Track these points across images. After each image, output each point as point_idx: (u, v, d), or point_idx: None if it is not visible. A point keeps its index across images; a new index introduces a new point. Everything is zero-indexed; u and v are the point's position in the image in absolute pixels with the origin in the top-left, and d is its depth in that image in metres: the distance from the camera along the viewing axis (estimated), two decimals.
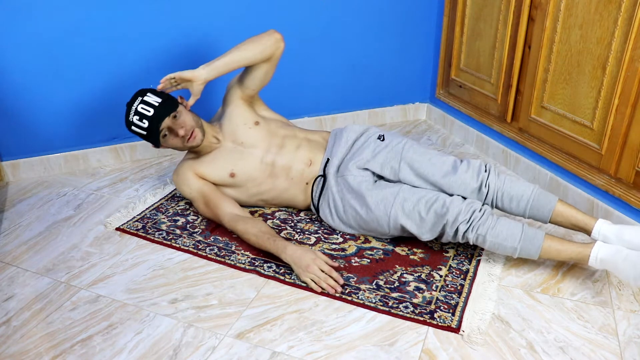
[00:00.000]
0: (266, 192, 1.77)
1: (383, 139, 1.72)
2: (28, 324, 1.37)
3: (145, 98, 1.63)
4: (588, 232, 1.51)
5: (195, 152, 1.78)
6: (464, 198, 1.55)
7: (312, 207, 1.76)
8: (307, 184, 1.75)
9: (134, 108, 1.62)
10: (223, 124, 1.79)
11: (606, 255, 1.39)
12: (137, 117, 1.62)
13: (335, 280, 1.47)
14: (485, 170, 1.60)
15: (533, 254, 1.47)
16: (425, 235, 1.54)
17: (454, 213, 1.48)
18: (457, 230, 1.49)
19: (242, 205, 1.78)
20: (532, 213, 1.58)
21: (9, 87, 1.99)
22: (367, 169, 1.66)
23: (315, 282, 1.47)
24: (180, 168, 1.77)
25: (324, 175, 1.71)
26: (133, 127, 1.65)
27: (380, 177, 1.68)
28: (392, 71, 2.59)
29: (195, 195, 1.73)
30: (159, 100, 1.64)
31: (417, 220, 1.53)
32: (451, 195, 1.57)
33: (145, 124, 1.62)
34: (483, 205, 1.54)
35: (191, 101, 1.68)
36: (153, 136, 1.65)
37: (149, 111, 1.62)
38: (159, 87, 1.67)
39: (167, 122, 1.63)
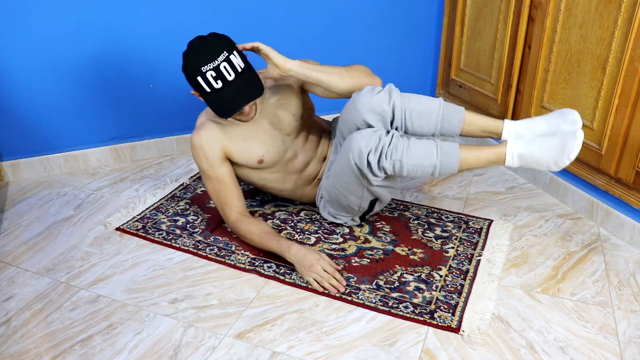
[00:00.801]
0: (275, 180, 1.72)
1: None
2: (28, 324, 1.37)
3: (232, 57, 1.43)
4: (499, 135, 1.50)
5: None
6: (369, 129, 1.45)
7: (317, 202, 1.77)
8: (318, 179, 1.76)
9: (215, 63, 1.41)
10: (268, 100, 1.63)
11: (521, 149, 1.40)
12: (214, 75, 1.41)
13: (339, 282, 1.47)
14: (386, 92, 1.48)
15: (453, 166, 1.44)
16: (358, 185, 1.50)
17: (356, 146, 1.41)
18: (369, 164, 1.42)
19: (246, 182, 1.75)
20: (443, 127, 1.51)
21: (9, 87, 2.00)
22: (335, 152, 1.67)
23: (317, 282, 1.47)
24: (206, 133, 1.57)
25: None
26: (199, 78, 1.43)
27: None
28: (392, 71, 2.58)
29: (211, 176, 1.60)
30: (242, 65, 1.45)
31: (342, 175, 1.51)
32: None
33: (219, 84, 1.43)
34: (389, 130, 1.46)
35: (264, 74, 1.54)
36: (220, 103, 1.46)
37: (230, 75, 1.43)
38: (241, 45, 1.48)
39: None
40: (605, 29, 1.64)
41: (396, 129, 1.50)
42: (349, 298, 1.44)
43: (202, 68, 1.41)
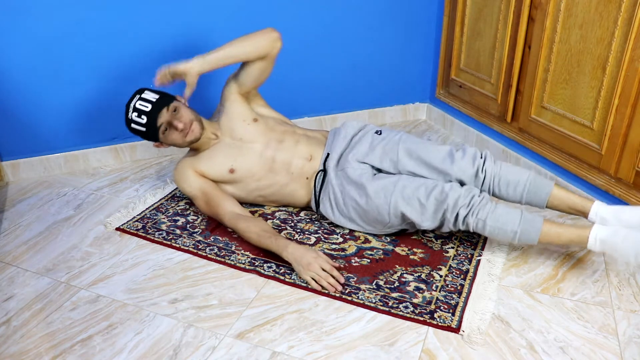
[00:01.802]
0: (266, 187, 1.77)
1: (380, 133, 1.73)
2: (28, 324, 1.37)
3: (144, 95, 1.65)
4: (585, 215, 1.52)
5: (195, 149, 1.78)
6: (465, 186, 1.56)
7: (312, 203, 1.76)
8: (307, 178, 1.75)
9: (132, 105, 1.64)
10: (221, 119, 1.79)
11: (605, 236, 1.40)
12: (136, 114, 1.63)
13: (337, 280, 1.47)
14: (481, 157, 1.61)
15: (533, 237, 1.46)
16: (426, 223, 1.54)
17: (453, 198, 1.49)
18: (457, 216, 1.49)
19: (242, 202, 1.78)
20: (529, 198, 1.58)
21: (9, 87, 1.99)
22: (365, 163, 1.66)
23: (315, 281, 1.47)
24: (180, 166, 1.78)
25: (324, 170, 1.71)
26: (133, 125, 1.66)
27: (379, 171, 1.68)
28: (392, 71, 2.59)
29: (196, 194, 1.73)
30: (157, 96, 1.65)
31: (417, 206, 1.53)
32: (450, 182, 1.57)
33: (144, 119, 1.63)
34: (481, 191, 1.55)
35: (187, 92, 1.69)
36: (152, 131, 1.66)
37: (147, 107, 1.63)
38: (157, 83, 1.68)
39: (165, 116, 1.64)
40: (605, 29, 1.64)
41: (483, 191, 1.60)
42: (349, 298, 1.44)
43: (128, 116, 1.65)
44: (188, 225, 1.78)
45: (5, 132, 2.06)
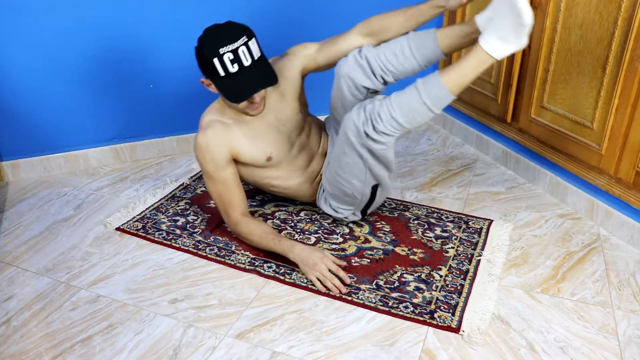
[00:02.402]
0: (280, 178, 1.70)
1: None
2: (28, 324, 1.37)
3: (250, 43, 1.43)
4: (477, 31, 1.43)
5: (234, 112, 1.59)
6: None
7: (317, 198, 1.77)
8: (320, 175, 1.75)
9: (234, 45, 1.40)
10: (272, 94, 1.61)
11: (491, 36, 1.34)
12: (231, 57, 1.40)
13: (342, 281, 1.47)
14: (357, 49, 1.53)
15: (441, 93, 1.38)
16: (362, 162, 1.49)
17: (350, 123, 1.43)
18: (367, 134, 1.42)
19: (247, 183, 1.75)
20: (422, 54, 1.50)
21: (9, 87, 2.00)
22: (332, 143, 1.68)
23: (321, 282, 1.46)
24: (212, 134, 1.54)
25: None
26: (215, 60, 1.40)
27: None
28: None
29: (215, 178, 1.57)
30: (259, 54, 1.46)
31: (343, 157, 1.51)
32: (353, 96, 1.55)
33: (235, 68, 1.41)
34: (372, 97, 1.49)
35: (453, 3, 1.48)
36: (234, 87, 1.44)
37: (247, 60, 1.42)
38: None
39: None
40: (605, 29, 1.64)
41: (384, 80, 1.54)
42: (349, 298, 1.44)
43: (220, 50, 1.39)
44: (188, 225, 1.78)
45: (5, 132, 2.06)
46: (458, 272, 1.55)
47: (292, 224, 1.78)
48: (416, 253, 1.63)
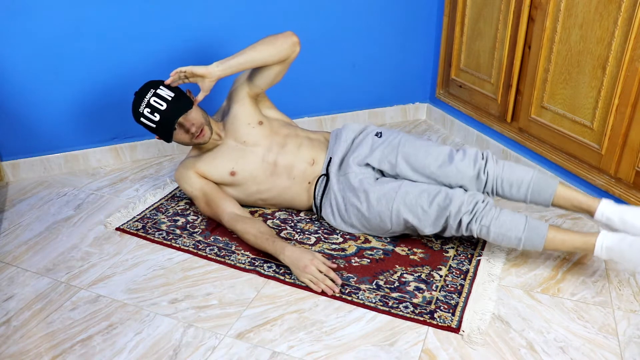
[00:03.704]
0: (266, 191, 1.77)
1: (380, 136, 1.72)
2: (28, 324, 1.37)
3: (159, 91, 1.62)
4: (591, 214, 1.51)
5: (198, 148, 1.78)
6: (466, 191, 1.55)
7: (313, 207, 1.76)
8: (309, 183, 1.75)
9: (146, 100, 1.61)
10: (226, 121, 1.78)
11: (612, 243, 1.39)
12: (149, 110, 1.61)
13: (334, 281, 1.47)
14: (483, 158, 1.59)
15: (538, 244, 1.45)
16: (428, 229, 1.54)
17: (456, 204, 1.48)
18: (460, 222, 1.49)
19: (242, 204, 1.78)
20: (534, 197, 1.57)
21: (9, 87, 2.00)
22: (367, 165, 1.66)
23: (314, 283, 1.47)
24: (182, 166, 1.77)
25: (326, 175, 1.71)
26: (142, 119, 1.63)
27: (382, 174, 1.68)
28: (392, 71, 2.59)
29: (197, 194, 1.73)
30: (172, 94, 1.63)
31: (420, 213, 1.53)
32: (451, 187, 1.57)
33: (157, 117, 1.61)
34: (485, 196, 1.54)
35: (200, 97, 1.66)
36: (164, 131, 1.64)
37: (162, 105, 1.60)
38: (168, 80, 1.65)
39: (180, 118, 1.63)
40: (605, 29, 1.64)
41: (487, 192, 1.59)
42: (349, 298, 1.44)
43: (139, 110, 1.62)
44: (188, 225, 1.78)
45: (5, 132, 2.06)
46: (458, 272, 1.54)
47: (292, 224, 1.78)
48: (416, 253, 1.63)
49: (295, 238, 1.70)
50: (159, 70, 2.17)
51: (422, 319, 1.37)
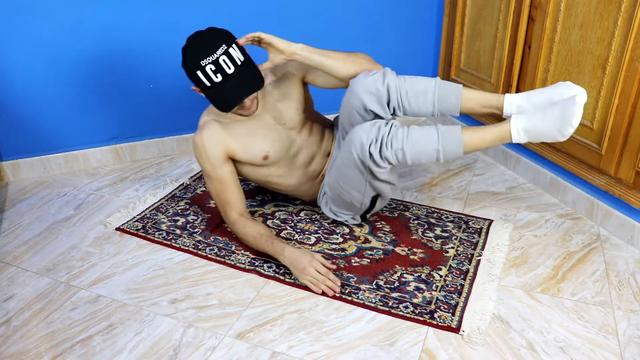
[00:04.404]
0: (280, 176, 1.70)
1: None
2: (28, 324, 1.37)
3: (231, 50, 1.44)
4: (500, 110, 1.48)
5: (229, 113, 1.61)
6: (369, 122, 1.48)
7: (319, 200, 1.77)
8: (323, 175, 1.75)
9: (215, 56, 1.42)
10: (271, 94, 1.64)
11: (525, 123, 1.40)
12: (213, 68, 1.42)
13: (333, 282, 1.47)
14: (381, 74, 1.50)
15: (456, 149, 1.43)
16: (361, 178, 1.51)
17: (357, 138, 1.42)
18: (371, 155, 1.42)
19: (248, 180, 1.75)
20: (441, 105, 1.51)
21: (9, 87, 2.00)
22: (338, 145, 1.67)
23: (314, 284, 1.46)
24: (207, 133, 1.56)
25: None
26: (199, 73, 1.44)
27: None
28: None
29: (213, 177, 1.59)
30: (242, 58, 1.47)
31: (344, 169, 1.52)
32: (360, 116, 1.52)
33: (219, 78, 1.44)
34: (388, 120, 1.47)
35: (266, 66, 1.52)
36: (223, 99, 1.48)
37: (230, 68, 1.44)
38: (241, 40, 1.49)
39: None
40: (605, 29, 1.64)
41: (394, 111, 1.52)
42: (349, 298, 1.44)
43: (201, 62, 1.43)
44: (188, 225, 1.78)
45: (5, 132, 2.06)
46: (458, 272, 1.55)
47: (292, 224, 1.78)
48: (416, 253, 1.63)
49: (295, 238, 1.70)
50: (159, 70, 2.17)
51: (422, 319, 1.37)
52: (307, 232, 1.73)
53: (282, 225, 1.78)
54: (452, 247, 1.66)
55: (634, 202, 1.64)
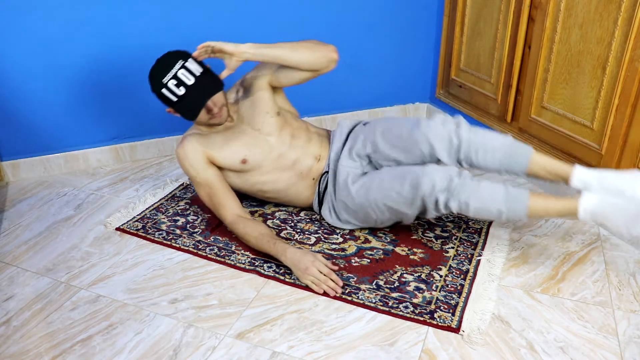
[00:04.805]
0: (269, 182, 1.73)
1: (366, 124, 1.73)
2: (28, 324, 1.37)
3: (188, 64, 1.56)
4: (567, 180, 1.47)
5: (206, 126, 1.71)
6: (441, 167, 1.50)
7: (315, 205, 1.76)
8: (313, 179, 1.75)
9: (173, 71, 1.54)
10: (243, 105, 1.72)
11: (594, 206, 1.37)
12: (175, 83, 1.54)
13: (335, 282, 1.47)
14: (454, 124, 1.54)
15: (521, 214, 1.43)
16: (408, 212, 1.52)
17: (428, 182, 1.44)
18: (437, 202, 1.45)
19: (239, 192, 1.76)
20: (509, 164, 1.51)
21: (9, 87, 2.00)
22: (358, 156, 1.66)
23: (316, 285, 1.46)
24: (187, 143, 1.66)
25: (329, 172, 1.71)
26: (164, 90, 1.56)
27: (371, 166, 1.68)
28: (392, 71, 2.59)
29: (200, 182, 1.66)
30: (200, 70, 1.58)
31: (395, 197, 1.51)
32: (427, 158, 1.54)
33: (182, 91, 1.54)
34: (459, 169, 1.48)
35: (224, 74, 1.62)
36: (189, 108, 1.57)
37: (189, 80, 1.55)
38: (195, 53, 1.60)
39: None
40: (605, 29, 1.64)
41: (460, 162, 1.54)
42: (349, 298, 1.44)
43: (163, 80, 1.55)
44: (188, 225, 1.78)
45: (5, 132, 2.06)
46: (458, 272, 1.54)
47: (292, 224, 1.78)
48: (416, 253, 1.63)
49: (295, 238, 1.70)
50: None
51: (422, 319, 1.37)
52: (307, 232, 1.73)
53: (282, 225, 1.78)
54: (452, 247, 1.66)
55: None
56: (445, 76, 2.53)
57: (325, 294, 1.45)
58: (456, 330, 1.33)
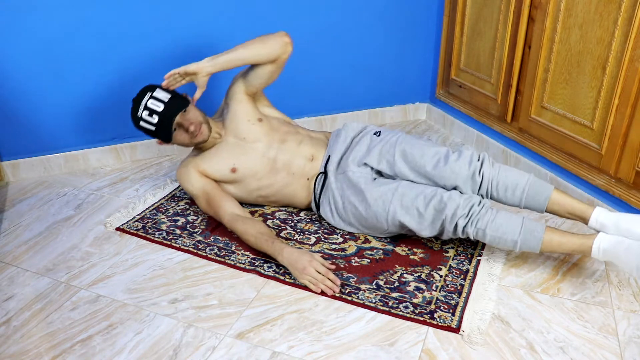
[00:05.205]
0: (266, 187, 1.77)
1: (379, 135, 1.72)
2: (28, 324, 1.37)
3: (155, 94, 1.65)
4: (585, 221, 1.50)
5: (199, 148, 1.79)
6: (464, 194, 1.54)
7: (313, 205, 1.76)
8: (308, 179, 1.75)
9: (143, 103, 1.63)
10: (226, 119, 1.80)
11: (608, 245, 1.39)
12: (147, 113, 1.63)
13: (333, 282, 1.47)
14: (478, 160, 1.59)
15: (534, 247, 1.45)
16: (425, 232, 1.53)
17: (452, 207, 1.48)
18: (456, 226, 1.49)
19: (242, 202, 1.78)
20: (528, 202, 1.56)
21: (9, 87, 2.00)
22: (366, 165, 1.66)
23: (313, 284, 1.46)
24: (183, 165, 1.78)
25: (325, 173, 1.71)
26: (142, 123, 1.66)
27: (380, 174, 1.68)
28: (392, 71, 2.59)
29: (198, 193, 1.73)
30: (168, 96, 1.66)
31: (416, 216, 1.53)
32: (446, 188, 1.57)
33: (155, 119, 1.64)
34: (481, 198, 1.53)
35: (197, 94, 1.70)
36: (164, 131, 1.66)
37: (159, 107, 1.63)
38: (164, 84, 1.68)
39: (177, 118, 1.65)
40: (605, 29, 1.64)
41: (481, 196, 1.57)
42: (349, 298, 1.44)
43: (138, 114, 1.65)
44: (188, 225, 1.78)
45: (5, 132, 2.06)
46: (458, 272, 1.55)
47: (292, 224, 1.78)
48: (416, 253, 1.63)
49: (295, 238, 1.71)
50: (159, 70, 2.16)
51: (422, 319, 1.37)
52: (307, 232, 1.73)
53: (282, 225, 1.78)
54: (452, 247, 1.66)
55: (634, 202, 1.64)
56: (445, 76, 2.53)
57: (323, 293, 1.45)
58: (456, 330, 1.33)
